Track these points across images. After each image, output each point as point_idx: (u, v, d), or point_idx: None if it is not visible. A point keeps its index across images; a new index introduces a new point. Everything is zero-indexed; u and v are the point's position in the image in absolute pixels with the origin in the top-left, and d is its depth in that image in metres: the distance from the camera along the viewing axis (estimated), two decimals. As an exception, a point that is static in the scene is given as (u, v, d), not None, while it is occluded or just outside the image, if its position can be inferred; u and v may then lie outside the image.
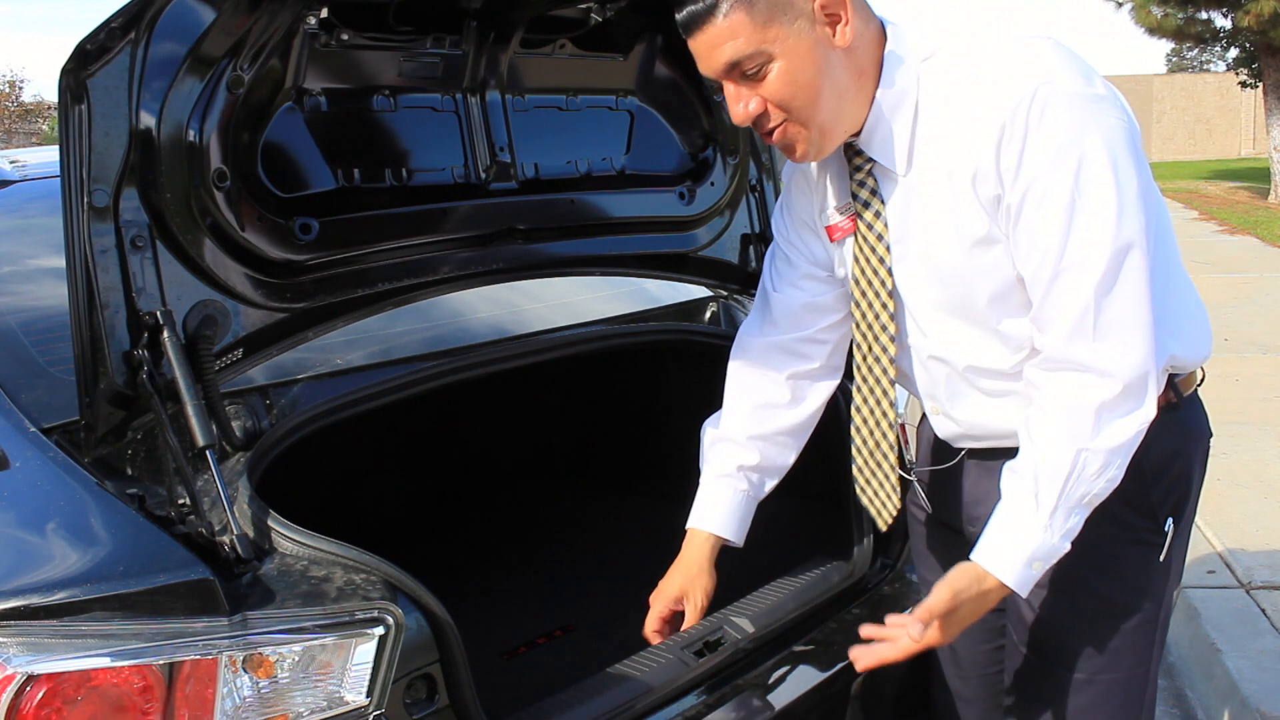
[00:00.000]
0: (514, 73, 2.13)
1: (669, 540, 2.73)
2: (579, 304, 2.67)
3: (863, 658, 1.57)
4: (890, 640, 1.56)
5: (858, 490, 1.87)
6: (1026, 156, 1.46)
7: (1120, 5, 18.46)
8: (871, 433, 1.79)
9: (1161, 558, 1.68)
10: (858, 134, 1.60)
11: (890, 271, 1.66)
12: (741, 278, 2.56)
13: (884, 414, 1.76)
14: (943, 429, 1.80)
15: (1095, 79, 1.49)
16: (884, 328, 1.70)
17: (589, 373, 3.03)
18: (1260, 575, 3.62)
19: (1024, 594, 1.57)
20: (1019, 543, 1.54)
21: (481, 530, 2.93)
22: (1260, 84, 18.63)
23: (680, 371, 2.81)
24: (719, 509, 1.90)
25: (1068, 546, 1.55)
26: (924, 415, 1.88)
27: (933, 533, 1.95)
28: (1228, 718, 2.95)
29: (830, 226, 1.74)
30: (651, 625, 1.89)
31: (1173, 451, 1.67)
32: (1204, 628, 3.29)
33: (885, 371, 1.72)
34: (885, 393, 1.74)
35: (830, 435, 2.28)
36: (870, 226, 1.65)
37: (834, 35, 1.51)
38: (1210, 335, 1.73)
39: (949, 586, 1.55)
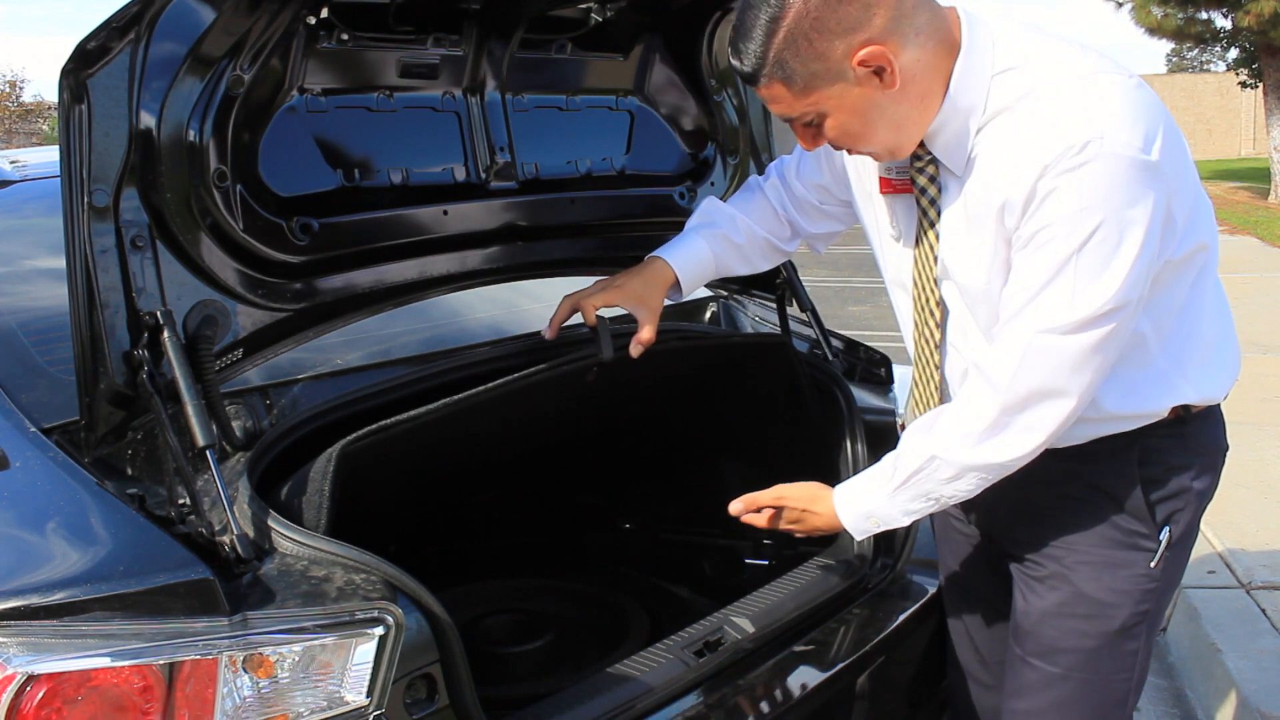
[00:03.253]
0: (514, 73, 2.13)
1: (670, 538, 2.74)
2: (579, 304, 2.66)
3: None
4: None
5: None
6: (1051, 200, 1.45)
7: (1120, 5, 18.47)
8: (923, 396, 1.81)
9: (1153, 564, 1.68)
10: None
11: (937, 260, 1.67)
12: (741, 278, 2.55)
13: (932, 394, 1.78)
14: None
15: (1155, 141, 1.45)
16: (932, 313, 1.72)
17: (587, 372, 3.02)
18: (1260, 575, 3.62)
19: (857, 537, 1.79)
20: (867, 494, 1.73)
21: (481, 529, 2.93)
22: (1260, 84, 18.63)
23: (680, 372, 2.80)
24: (689, 255, 2.02)
25: (906, 522, 1.72)
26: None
27: (952, 523, 2.00)
28: (1228, 718, 2.95)
29: (884, 179, 1.74)
30: (560, 316, 2.03)
31: (1175, 465, 1.67)
32: (1204, 628, 3.29)
33: (934, 354, 1.75)
34: (933, 375, 1.77)
35: (831, 436, 2.28)
36: (925, 213, 1.66)
37: (881, 83, 1.49)
38: (1234, 372, 1.73)
39: (782, 490, 1.85)
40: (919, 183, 1.65)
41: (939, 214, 1.64)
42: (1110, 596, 1.67)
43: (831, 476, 2.24)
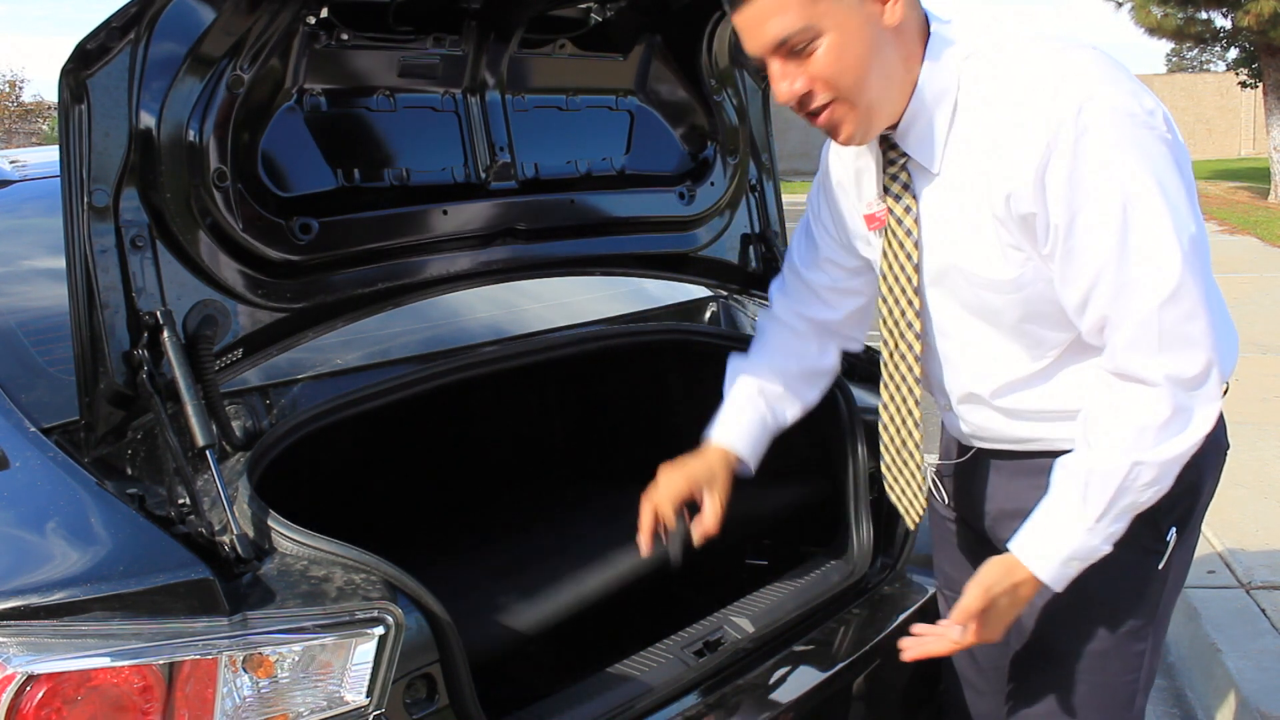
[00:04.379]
0: (514, 73, 2.13)
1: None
2: (579, 304, 2.67)
3: (910, 648, 1.61)
4: (936, 637, 1.59)
5: (886, 488, 1.89)
6: (1075, 177, 1.43)
7: (1120, 5, 18.46)
8: (899, 430, 1.79)
9: (1160, 566, 1.68)
10: (894, 126, 1.58)
11: (917, 268, 1.65)
12: (741, 278, 2.56)
13: (910, 412, 1.75)
14: (952, 426, 1.82)
15: (1141, 93, 1.46)
16: (910, 325, 1.69)
17: (589, 373, 3.03)
18: (1260, 575, 3.62)
19: (1059, 589, 1.57)
20: (1061, 540, 1.55)
21: (481, 530, 2.93)
22: (1260, 84, 18.63)
23: (680, 371, 2.80)
24: (738, 426, 1.91)
25: (1109, 549, 1.55)
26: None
27: (950, 525, 1.97)
28: (1228, 718, 2.95)
29: (869, 215, 1.71)
30: (647, 524, 1.84)
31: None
32: (1204, 628, 3.29)
33: (910, 369, 1.72)
34: (911, 391, 1.73)
35: (831, 436, 2.28)
36: (900, 221, 1.64)
37: (883, 13, 1.49)
38: (1235, 349, 1.72)
39: (980, 584, 1.57)
40: (892, 190, 1.63)
41: (916, 221, 1.62)
42: (1118, 600, 1.67)
43: (832, 478, 2.25)
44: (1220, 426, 1.74)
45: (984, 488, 1.81)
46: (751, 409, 1.91)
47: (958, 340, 1.68)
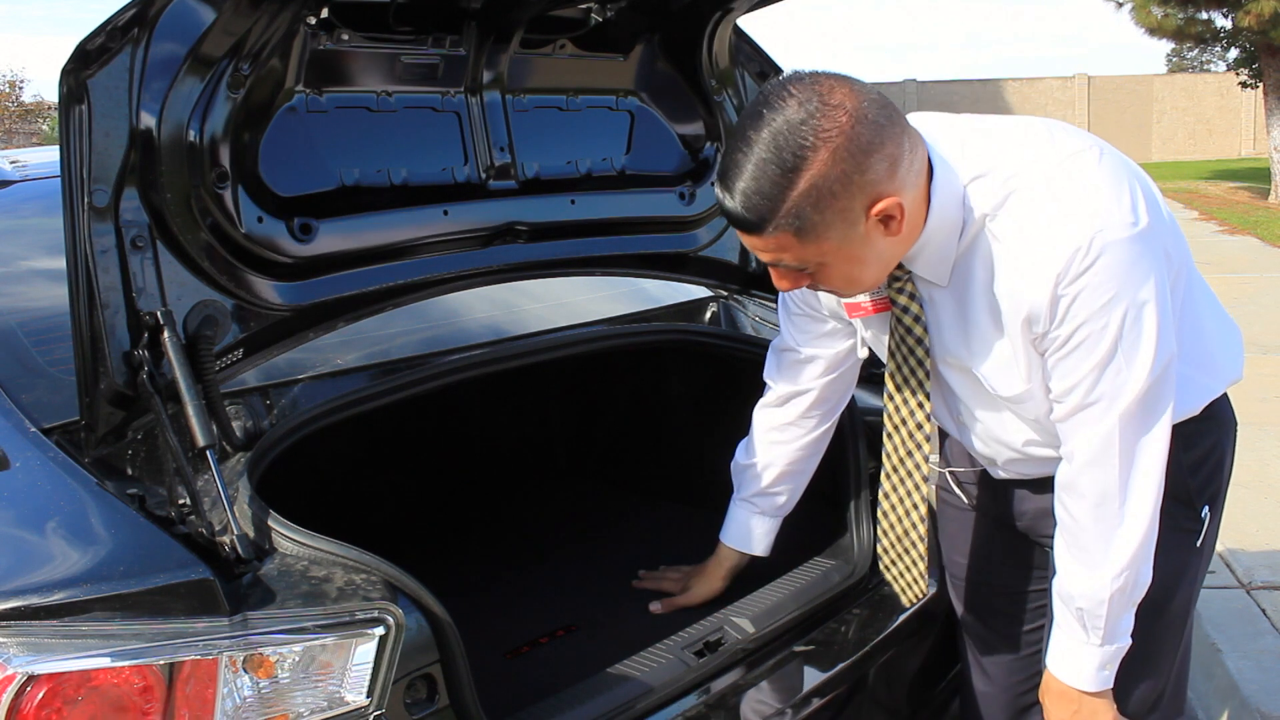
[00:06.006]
0: (514, 73, 2.13)
1: (669, 539, 2.74)
2: (579, 304, 2.67)
3: None
4: None
5: (883, 569, 1.97)
6: (1079, 300, 1.47)
7: (1120, 5, 18.46)
8: (900, 521, 1.84)
9: (1198, 543, 1.74)
10: None
11: (928, 374, 1.68)
12: (741, 278, 2.56)
13: (914, 505, 1.80)
14: (1000, 475, 1.85)
15: (1139, 205, 1.48)
16: (919, 425, 1.73)
17: (589, 373, 3.03)
18: (1260, 575, 3.62)
19: (1109, 686, 1.68)
20: (1085, 661, 1.66)
21: (482, 530, 2.93)
22: (1260, 84, 18.63)
23: (680, 371, 2.81)
24: (740, 528, 2.11)
25: (1129, 641, 1.65)
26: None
27: (965, 515, 2.00)
28: (1228, 718, 2.95)
29: (851, 305, 1.72)
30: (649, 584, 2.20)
31: (1211, 444, 1.73)
32: (1204, 628, 3.29)
33: (918, 467, 1.76)
34: (917, 486, 1.78)
35: (833, 439, 2.28)
36: (909, 330, 1.66)
37: (886, 230, 1.47)
38: (1242, 351, 1.79)
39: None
40: (899, 302, 1.65)
41: (925, 330, 1.65)
42: (1162, 579, 1.70)
43: (833, 477, 2.25)
44: (1229, 405, 1.81)
45: (1021, 490, 1.85)
46: (752, 511, 2.09)
47: (990, 421, 1.72)
